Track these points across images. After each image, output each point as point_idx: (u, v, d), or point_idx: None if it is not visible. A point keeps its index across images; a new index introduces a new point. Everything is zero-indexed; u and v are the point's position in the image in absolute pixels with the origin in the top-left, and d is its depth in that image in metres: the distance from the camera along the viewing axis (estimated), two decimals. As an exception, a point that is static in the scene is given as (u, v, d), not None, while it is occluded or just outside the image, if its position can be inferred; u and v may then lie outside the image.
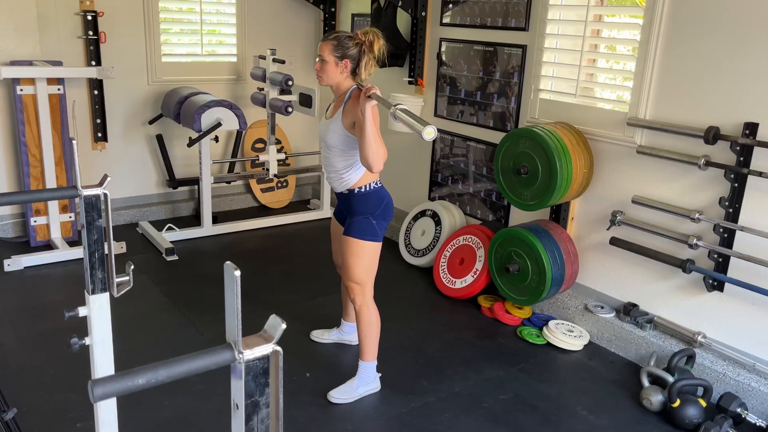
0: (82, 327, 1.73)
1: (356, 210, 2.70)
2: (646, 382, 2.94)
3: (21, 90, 3.95)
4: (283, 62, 4.45)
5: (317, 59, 2.68)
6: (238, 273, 0.99)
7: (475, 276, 3.75)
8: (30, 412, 2.55)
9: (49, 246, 4.17)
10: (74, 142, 1.70)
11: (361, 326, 2.78)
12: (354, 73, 2.66)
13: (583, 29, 3.36)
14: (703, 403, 2.72)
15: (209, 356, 1.00)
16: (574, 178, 3.23)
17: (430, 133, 2.20)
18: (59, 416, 2.55)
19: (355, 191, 2.69)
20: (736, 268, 2.89)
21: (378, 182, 2.75)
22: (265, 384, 1.04)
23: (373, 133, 2.46)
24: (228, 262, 1.00)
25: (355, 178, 2.68)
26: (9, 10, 4.01)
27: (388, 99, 4.07)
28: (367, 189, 2.70)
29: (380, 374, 2.89)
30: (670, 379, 2.85)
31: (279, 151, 4.74)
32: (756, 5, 2.70)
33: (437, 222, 4.22)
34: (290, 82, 4.30)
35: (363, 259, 2.70)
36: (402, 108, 2.34)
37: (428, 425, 2.65)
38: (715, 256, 2.93)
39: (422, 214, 4.35)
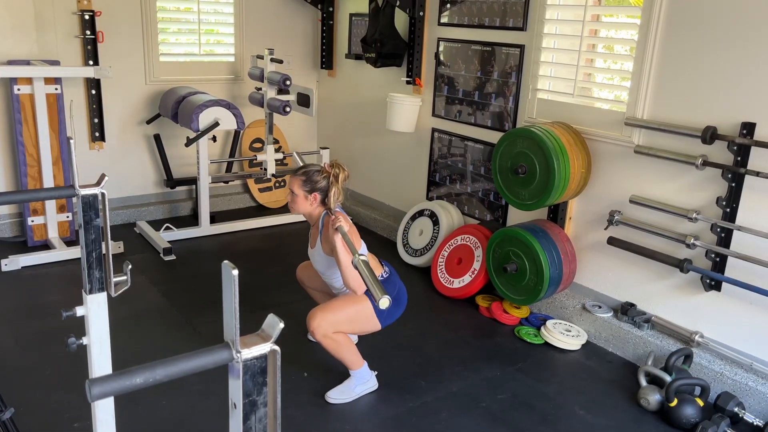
0: (79, 327, 1.72)
1: None
2: (643, 382, 2.95)
3: (18, 89, 3.94)
4: (281, 62, 4.45)
5: (288, 192, 2.81)
6: (235, 272, 0.99)
7: (473, 276, 3.76)
8: (27, 411, 2.54)
9: (46, 246, 4.17)
10: (71, 141, 1.69)
11: (332, 353, 2.70)
12: (323, 202, 2.78)
13: (580, 29, 3.36)
14: (701, 403, 2.72)
15: (207, 355, 1.00)
16: (571, 178, 3.24)
17: (384, 303, 2.10)
18: (56, 416, 2.55)
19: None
20: (734, 268, 2.89)
21: (386, 272, 2.82)
22: (262, 383, 1.04)
23: (348, 264, 2.56)
24: (226, 262, 1.00)
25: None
26: (6, 9, 4.00)
27: (386, 100, 4.07)
28: None
29: (376, 372, 2.89)
30: (668, 378, 2.85)
31: (277, 150, 4.73)
32: (753, 5, 2.71)
33: (435, 222, 4.22)
34: (288, 82, 4.29)
35: (357, 312, 2.68)
36: (364, 260, 2.24)
37: (426, 425, 2.65)
38: (713, 255, 2.94)
39: (420, 213, 4.35)
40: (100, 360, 1.75)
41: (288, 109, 4.34)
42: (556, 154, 3.15)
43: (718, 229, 2.90)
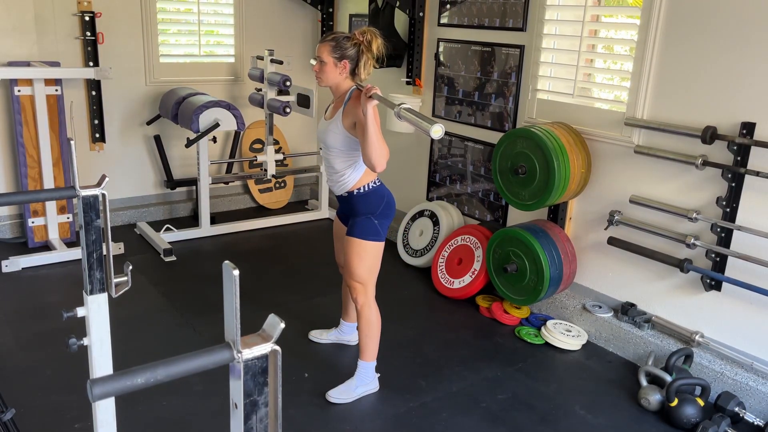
0: (80, 327, 1.73)
1: (358, 210, 2.70)
2: (644, 382, 2.95)
3: (18, 91, 3.95)
4: (281, 63, 4.45)
5: (315, 60, 2.67)
6: (236, 272, 0.99)
7: (473, 276, 3.76)
8: (28, 412, 2.55)
9: (47, 247, 4.17)
10: (72, 142, 1.70)
11: (363, 325, 2.78)
12: (353, 73, 2.66)
13: (580, 29, 3.36)
14: (701, 403, 2.72)
15: (208, 356, 1.00)
16: (571, 178, 3.24)
17: (437, 131, 2.15)
18: (57, 417, 2.55)
19: (355, 192, 2.69)
20: (734, 268, 2.89)
21: (377, 181, 2.75)
22: (263, 383, 1.04)
23: (376, 133, 2.46)
24: (226, 262, 1.01)
25: (355, 178, 2.68)
26: (6, 11, 4.00)
27: (389, 98, 4.07)
28: (367, 189, 2.70)
29: (378, 374, 2.89)
30: (668, 378, 2.85)
31: (277, 151, 4.74)
32: (752, 5, 2.71)
33: (435, 222, 4.22)
34: (288, 83, 4.30)
35: (365, 259, 2.70)
36: (407, 107, 2.31)
37: (426, 425, 2.65)
38: (713, 255, 2.94)
39: (420, 214, 4.35)
40: (101, 360, 1.75)
41: (288, 109, 4.34)
42: (556, 155, 3.15)
43: (718, 229, 2.90)
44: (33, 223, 4.17)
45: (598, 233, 3.43)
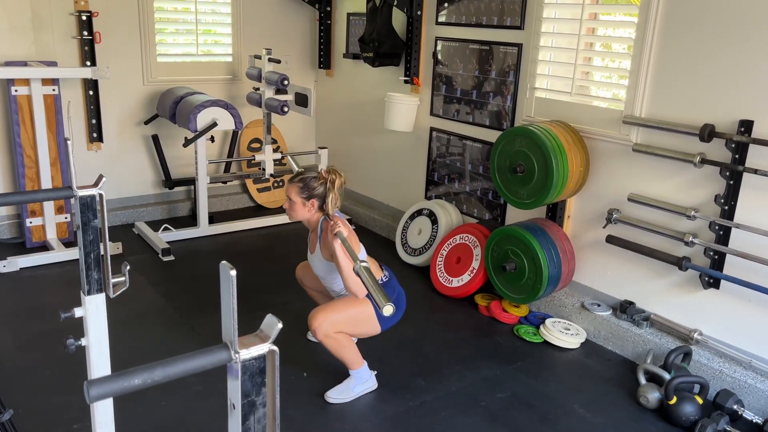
0: (78, 328, 1.72)
1: None
2: (642, 380, 2.95)
3: (16, 91, 3.94)
4: (278, 62, 4.44)
5: (286, 199, 2.81)
6: (234, 272, 0.98)
7: (471, 275, 3.76)
8: (26, 413, 2.54)
9: (44, 247, 4.16)
10: (69, 142, 1.69)
11: (333, 352, 2.71)
12: (321, 208, 2.79)
13: (578, 27, 3.36)
14: (700, 401, 2.73)
15: (205, 356, 1.00)
16: (570, 177, 3.24)
17: (388, 310, 2.12)
18: (56, 417, 2.55)
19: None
20: (732, 266, 2.89)
21: (385, 276, 2.82)
22: (261, 383, 1.04)
23: (348, 269, 2.56)
24: (224, 262, 1.00)
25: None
26: (3, 11, 3.99)
27: (384, 99, 4.07)
28: None
29: (375, 372, 2.89)
30: (667, 376, 2.85)
31: (275, 150, 4.73)
32: (750, 3, 2.71)
33: (434, 221, 4.22)
34: (286, 82, 4.29)
35: (358, 314, 2.68)
36: (365, 266, 2.25)
37: (425, 424, 2.65)
38: (711, 253, 2.94)
39: (419, 213, 4.35)
40: (99, 361, 1.75)
41: (286, 108, 4.34)
42: (555, 153, 3.15)
43: (717, 227, 2.90)
44: (31, 223, 4.16)
45: (597, 231, 3.43)
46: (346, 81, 5.15)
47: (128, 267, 1.71)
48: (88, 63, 4.30)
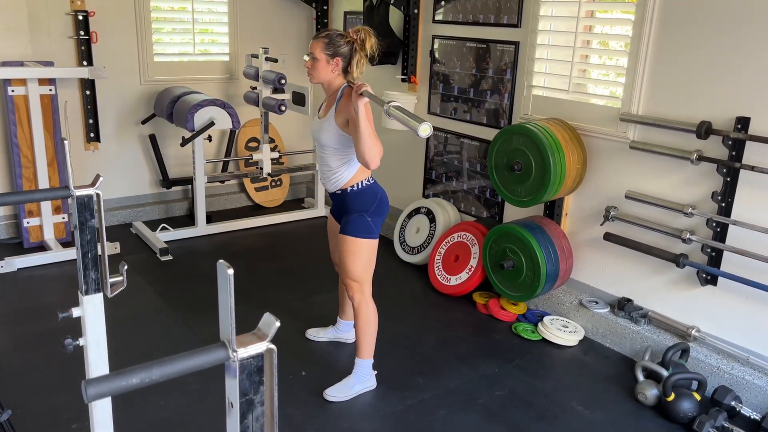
0: (76, 328, 1.72)
1: (351, 208, 2.70)
2: (640, 377, 2.96)
3: (12, 91, 3.93)
4: (275, 61, 4.44)
5: (308, 57, 2.67)
6: (231, 271, 0.98)
7: (469, 273, 3.76)
8: (25, 413, 2.54)
9: (42, 247, 4.16)
10: (66, 142, 1.69)
11: (360, 323, 2.78)
12: (345, 71, 2.65)
13: (575, 25, 3.36)
14: (698, 397, 2.73)
15: (203, 355, 1.00)
16: (567, 174, 3.24)
17: (425, 130, 2.16)
18: (54, 417, 2.55)
19: (348, 190, 2.69)
20: (729, 262, 2.90)
21: (370, 179, 2.75)
22: (259, 382, 1.04)
23: (368, 130, 2.46)
24: (221, 261, 1.00)
25: (348, 176, 2.68)
26: (-1, 11, 3.99)
27: (381, 97, 4.07)
28: (360, 186, 2.69)
29: (376, 372, 2.89)
30: (665, 373, 2.86)
31: (273, 149, 4.73)
32: (747, 0, 2.71)
33: (432, 219, 4.22)
34: (283, 81, 4.29)
35: (360, 256, 2.70)
36: (396, 105, 2.31)
37: (424, 422, 2.66)
38: (708, 250, 2.95)
39: (417, 211, 4.35)
40: (97, 361, 1.75)
41: (283, 108, 4.34)
42: (552, 151, 3.15)
43: (714, 224, 2.90)
44: (28, 223, 4.15)
45: (594, 229, 3.44)
46: (344, 80, 5.14)
47: (126, 267, 1.71)
48: (85, 63, 4.29)
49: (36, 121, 3.99)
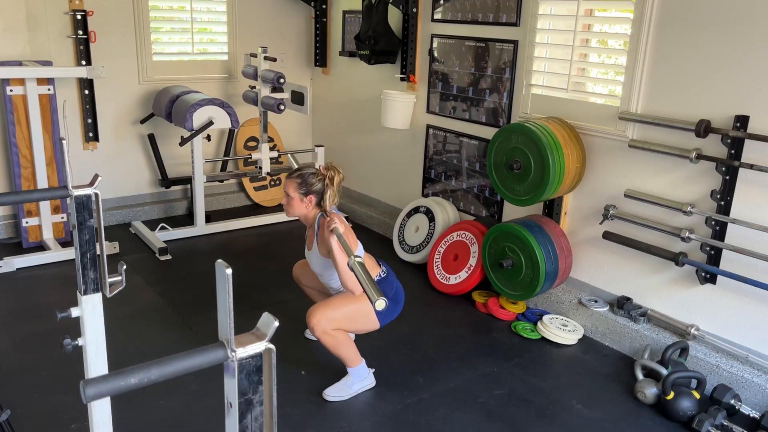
0: (75, 328, 1.72)
1: None
2: (640, 375, 2.96)
3: (11, 90, 3.93)
4: (274, 60, 4.44)
5: (284, 194, 2.81)
6: (229, 271, 0.98)
7: (469, 272, 3.76)
8: (24, 413, 2.54)
9: (41, 247, 4.16)
10: (64, 142, 1.69)
11: (331, 350, 2.72)
12: (319, 204, 2.78)
13: (574, 24, 3.36)
14: (697, 395, 2.73)
15: (202, 355, 1.00)
16: (566, 173, 3.24)
17: (380, 305, 2.09)
18: (53, 417, 2.55)
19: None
20: (729, 261, 2.90)
21: (383, 273, 2.81)
22: (258, 382, 1.04)
23: (343, 263, 2.55)
24: (220, 261, 1.00)
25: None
26: (-3, 10, 3.98)
27: (380, 96, 4.06)
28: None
29: (373, 369, 2.89)
30: (664, 371, 2.86)
31: (272, 149, 4.73)
32: (745, -2, 2.72)
33: (431, 218, 4.22)
34: (282, 80, 4.29)
35: (356, 310, 2.68)
36: (360, 262, 2.22)
37: (423, 421, 2.66)
38: (708, 248, 2.95)
39: (416, 210, 4.35)
40: (96, 361, 1.75)
41: (282, 107, 4.34)
42: (551, 149, 3.15)
43: (713, 222, 2.90)
44: (27, 223, 4.15)
45: (594, 228, 3.44)
46: (343, 79, 5.14)
47: (125, 266, 1.71)
48: (83, 62, 4.29)
49: (35, 120, 3.98)
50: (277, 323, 1.02)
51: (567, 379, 3.03)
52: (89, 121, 4.43)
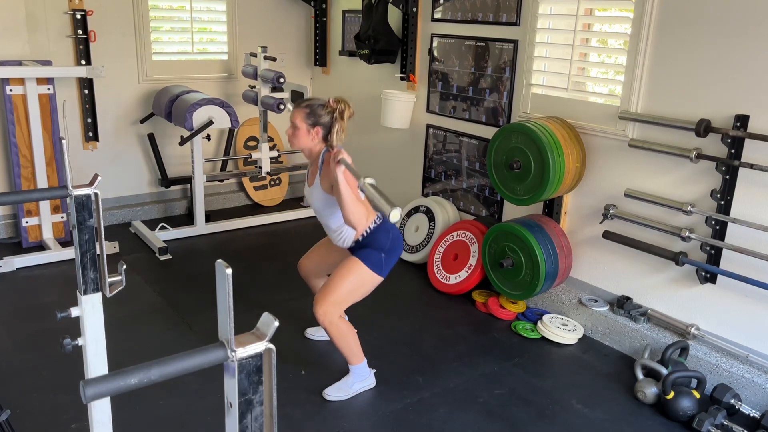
0: (75, 327, 1.72)
1: (367, 246, 2.71)
2: (640, 375, 2.96)
3: (10, 90, 3.92)
4: (274, 59, 4.44)
5: (289, 125, 2.73)
6: (229, 271, 0.98)
7: (469, 271, 3.76)
8: (24, 413, 2.54)
9: (41, 247, 4.15)
10: (64, 141, 1.69)
11: (334, 340, 2.73)
12: (325, 138, 2.72)
13: (574, 23, 3.36)
14: (697, 395, 2.73)
15: (202, 355, 1.00)
16: (566, 173, 3.24)
17: (395, 215, 2.10)
18: (53, 417, 2.54)
19: (360, 239, 2.72)
20: (729, 260, 2.90)
21: (377, 219, 2.75)
22: (258, 382, 1.04)
23: (350, 197, 2.52)
24: (219, 260, 1.00)
25: (353, 232, 2.70)
26: (-3, 10, 3.98)
27: (380, 96, 4.07)
28: (369, 232, 2.71)
29: (374, 370, 2.89)
30: (664, 371, 2.86)
31: (271, 148, 4.73)
32: (746, -2, 2.71)
33: (431, 218, 4.22)
34: (282, 80, 4.29)
35: (353, 282, 2.68)
36: (371, 182, 2.27)
37: (423, 421, 2.66)
38: (708, 248, 2.95)
39: (416, 210, 4.35)
40: (96, 361, 1.75)
41: (282, 106, 4.33)
42: (551, 149, 3.15)
43: (713, 222, 2.90)
44: (27, 223, 4.15)
45: (594, 227, 3.43)
46: (342, 78, 5.14)
47: (124, 266, 1.71)
48: (83, 62, 4.29)
49: (34, 120, 3.98)
50: (277, 323, 1.02)
51: (567, 378, 3.03)
52: (89, 120, 4.43)
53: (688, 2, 2.91)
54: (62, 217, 4.26)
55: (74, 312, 1.69)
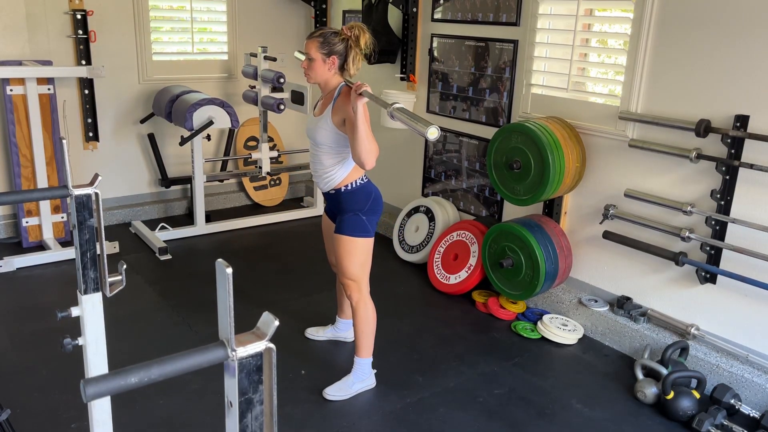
0: (75, 327, 1.72)
1: (345, 208, 2.69)
2: (640, 375, 2.96)
3: (11, 90, 3.93)
4: (274, 59, 4.44)
5: (300, 54, 2.67)
6: (229, 270, 0.98)
7: (469, 271, 3.76)
8: (24, 413, 2.54)
9: (41, 247, 4.15)
10: (64, 141, 1.69)
11: (358, 322, 2.78)
12: (342, 69, 2.64)
13: (574, 23, 3.36)
14: (697, 395, 2.73)
15: (202, 354, 1.00)
16: (566, 173, 3.24)
17: (433, 133, 2.11)
18: (53, 417, 2.55)
19: (342, 189, 2.67)
20: (729, 260, 2.90)
21: (364, 177, 2.72)
22: (258, 381, 1.04)
23: (366, 131, 2.45)
24: (220, 260, 1.00)
25: (342, 175, 2.66)
26: (-3, 10, 3.98)
27: (381, 96, 4.06)
28: (354, 186, 2.68)
29: (375, 371, 2.89)
30: (664, 371, 2.86)
31: (271, 148, 4.73)
32: (745, -2, 2.71)
33: (431, 218, 4.22)
34: (282, 80, 4.29)
35: (356, 255, 2.70)
36: (399, 107, 2.27)
37: (423, 420, 2.66)
38: (708, 248, 2.95)
39: (416, 210, 4.35)
40: (96, 360, 1.75)
41: (282, 106, 4.34)
42: (551, 149, 3.15)
43: (713, 222, 2.90)
44: (27, 222, 4.15)
45: (593, 227, 3.44)
46: (342, 78, 5.14)
47: (125, 266, 1.71)
48: (83, 62, 4.29)
49: (34, 120, 3.98)
50: (277, 322, 1.02)
51: (567, 378, 3.03)
52: (89, 120, 4.43)
53: (688, 2, 2.91)
54: (62, 217, 4.26)
55: (74, 312, 1.69)
